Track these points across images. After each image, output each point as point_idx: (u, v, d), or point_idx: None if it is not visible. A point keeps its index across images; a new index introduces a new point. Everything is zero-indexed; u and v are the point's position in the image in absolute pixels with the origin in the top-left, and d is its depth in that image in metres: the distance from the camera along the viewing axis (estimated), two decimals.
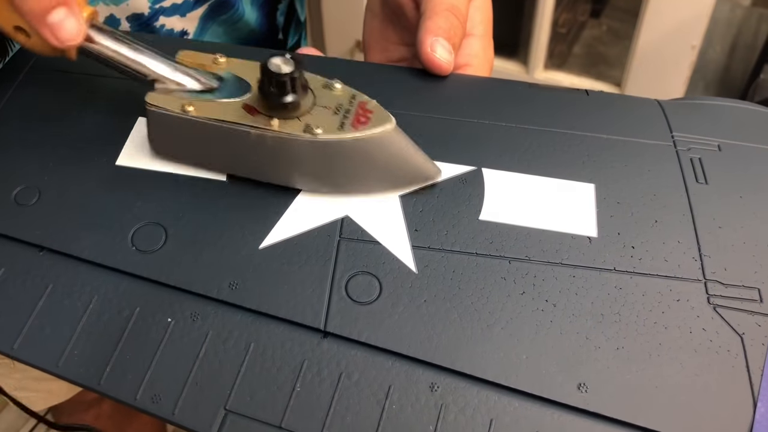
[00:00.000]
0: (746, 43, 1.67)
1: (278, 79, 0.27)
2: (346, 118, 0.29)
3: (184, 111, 0.29)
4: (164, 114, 0.29)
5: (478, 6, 0.39)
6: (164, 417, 0.26)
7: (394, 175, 0.30)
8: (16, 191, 0.31)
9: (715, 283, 0.28)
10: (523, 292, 0.28)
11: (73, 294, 0.28)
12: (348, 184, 0.30)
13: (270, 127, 0.28)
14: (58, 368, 0.27)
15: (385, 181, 0.30)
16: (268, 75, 0.27)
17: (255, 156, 0.30)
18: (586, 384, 0.26)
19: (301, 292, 0.28)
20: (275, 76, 0.27)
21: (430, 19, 0.36)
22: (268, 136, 0.28)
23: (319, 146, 0.28)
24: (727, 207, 0.31)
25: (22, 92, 0.35)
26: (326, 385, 0.26)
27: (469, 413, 0.25)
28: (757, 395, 0.25)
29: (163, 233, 0.29)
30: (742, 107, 0.36)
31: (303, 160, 0.29)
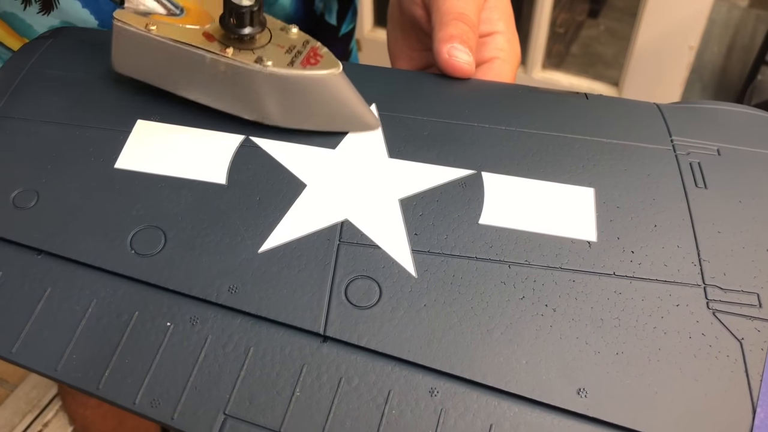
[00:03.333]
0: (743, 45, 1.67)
1: (237, 10, 0.29)
2: (297, 57, 0.31)
3: (147, 30, 0.31)
4: (128, 30, 0.31)
5: (493, 6, 0.40)
6: (163, 422, 0.26)
7: (333, 117, 0.32)
8: (15, 194, 0.30)
9: (714, 288, 0.28)
10: (522, 296, 0.28)
11: (72, 298, 0.28)
12: (290, 119, 0.32)
13: (224, 54, 0.30)
14: (57, 372, 0.27)
15: (325, 121, 0.32)
16: (229, 6, 0.29)
17: (208, 81, 0.32)
18: (585, 389, 0.26)
19: (301, 296, 0.28)
20: (235, 7, 0.29)
21: (441, 30, 0.37)
22: (221, 61, 0.30)
23: (266, 78, 0.30)
24: (726, 212, 0.31)
25: (20, 95, 0.35)
26: (326, 389, 0.26)
27: (468, 418, 0.25)
28: (756, 400, 0.25)
29: (162, 237, 0.29)
30: (741, 111, 0.36)
31: (251, 89, 0.31)
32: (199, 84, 0.32)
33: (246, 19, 0.30)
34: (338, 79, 0.31)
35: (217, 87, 0.32)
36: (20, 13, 0.44)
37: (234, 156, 0.32)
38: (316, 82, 0.31)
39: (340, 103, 0.32)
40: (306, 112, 0.32)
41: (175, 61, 0.32)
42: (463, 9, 0.37)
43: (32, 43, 0.38)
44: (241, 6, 0.30)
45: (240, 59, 0.30)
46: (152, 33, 0.31)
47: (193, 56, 0.31)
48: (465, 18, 0.37)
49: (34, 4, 0.43)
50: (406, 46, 0.44)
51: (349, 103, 0.32)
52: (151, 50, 0.32)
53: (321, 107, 0.32)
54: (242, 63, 0.30)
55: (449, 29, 0.36)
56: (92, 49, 0.38)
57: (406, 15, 0.42)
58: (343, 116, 0.33)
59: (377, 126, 0.33)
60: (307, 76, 0.31)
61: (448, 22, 0.37)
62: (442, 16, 0.37)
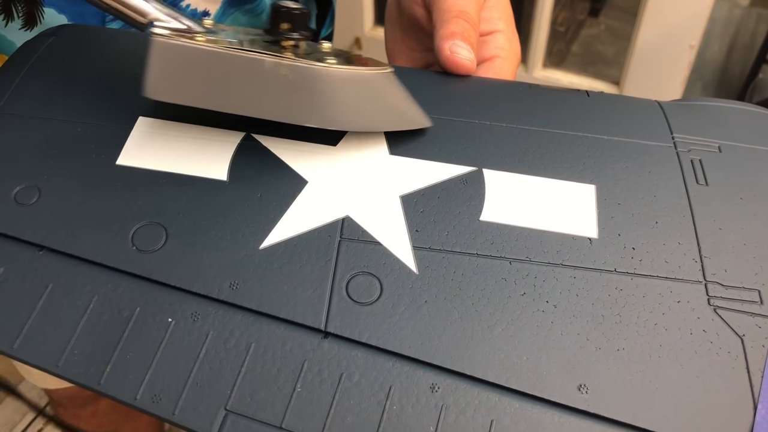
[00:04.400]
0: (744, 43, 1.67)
1: (291, 13, 0.29)
2: (349, 61, 0.30)
3: (195, 41, 0.29)
4: (173, 44, 0.28)
5: (493, 5, 0.40)
6: (164, 417, 0.26)
7: (391, 114, 0.32)
8: (16, 190, 0.30)
9: (715, 284, 0.28)
10: (523, 293, 0.28)
11: (73, 294, 0.28)
12: (352, 120, 0.31)
13: (286, 56, 0.29)
14: (58, 368, 0.27)
15: (384, 119, 0.32)
16: (280, 10, 0.29)
17: (266, 89, 0.30)
18: (586, 385, 0.26)
19: (302, 292, 0.28)
20: (287, 10, 0.29)
21: (442, 27, 0.37)
22: (283, 64, 0.29)
23: (331, 77, 0.29)
24: (727, 208, 0.31)
25: (22, 92, 0.35)
26: (327, 385, 0.26)
27: (469, 414, 0.25)
28: (757, 397, 0.26)
29: (164, 233, 0.29)
30: (742, 109, 0.36)
31: (315, 91, 0.30)
32: (256, 94, 0.30)
33: (299, 21, 0.29)
34: (393, 78, 0.31)
35: (275, 94, 0.30)
36: (1, 30, 0.43)
37: (235, 152, 0.32)
38: (378, 80, 0.30)
39: (397, 99, 0.32)
40: (368, 110, 0.31)
41: (228, 73, 0.29)
42: (464, 7, 0.37)
43: (34, 41, 0.38)
44: (293, 8, 0.29)
45: (301, 62, 0.29)
46: (201, 44, 0.28)
47: (251, 63, 0.28)
48: (466, 16, 0.37)
49: (17, 19, 0.43)
50: (406, 47, 0.44)
51: (404, 100, 0.32)
52: (200, 64, 0.29)
53: (382, 105, 0.31)
54: (307, 63, 0.29)
55: (450, 26, 0.36)
56: (94, 46, 0.38)
57: (405, 15, 0.42)
58: (401, 113, 0.32)
59: (428, 123, 0.33)
60: (371, 74, 0.30)
61: (450, 20, 0.37)
62: (443, 14, 0.37)
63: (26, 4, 0.42)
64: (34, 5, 0.42)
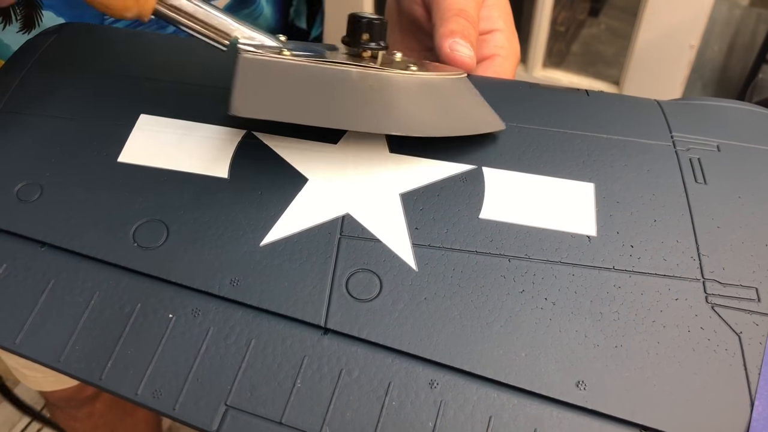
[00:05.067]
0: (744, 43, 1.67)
1: (371, 23, 0.28)
2: (427, 68, 0.30)
3: (282, 56, 0.30)
4: (260, 60, 0.29)
5: (492, 4, 0.40)
6: (165, 412, 0.26)
7: (468, 117, 0.31)
8: (18, 187, 0.31)
9: (713, 282, 0.28)
10: (522, 290, 0.28)
11: (75, 290, 0.28)
12: (434, 126, 0.31)
13: (371, 65, 0.29)
14: (60, 363, 0.27)
15: (462, 124, 0.32)
16: (359, 21, 0.28)
17: (352, 100, 0.30)
18: (584, 381, 0.26)
19: (302, 289, 0.28)
20: (367, 22, 0.28)
21: (442, 26, 0.37)
22: (369, 74, 0.29)
23: (416, 82, 0.29)
24: (725, 207, 0.31)
25: (24, 89, 0.35)
26: (326, 381, 0.26)
27: (468, 410, 0.26)
28: (754, 394, 0.26)
29: (165, 230, 0.30)
30: (741, 108, 0.36)
31: (400, 98, 0.30)
32: (342, 105, 0.30)
33: (378, 31, 0.29)
34: (468, 82, 0.31)
35: (361, 105, 0.30)
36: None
37: (236, 150, 0.32)
38: (455, 85, 0.30)
39: (474, 102, 0.31)
40: (449, 115, 0.31)
41: (314, 85, 0.30)
42: (464, 5, 0.37)
43: (36, 38, 0.38)
44: (373, 18, 0.29)
45: (387, 70, 0.29)
46: (289, 58, 0.29)
47: (338, 74, 0.29)
48: (465, 14, 0.37)
49: (15, 22, 0.42)
50: (405, 47, 0.44)
51: (480, 103, 0.32)
52: (289, 78, 0.29)
53: (461, 109, 0.31)
54: (393, 72, 0.29)
55: (450, 25, 0.37)
56: (96, 44, 0.38)
57: (405, 15, 0.42)
58: (477, 117, 0.32)
59: (502, 126, 0.32)
60: (449, 80, 0.30)
61: (449, 18, 0.37)
62: (443, 12, 0.37)
63: (25, 7, 0.42)
64: (33, 8, 0.42)
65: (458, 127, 0.31)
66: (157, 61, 0.37)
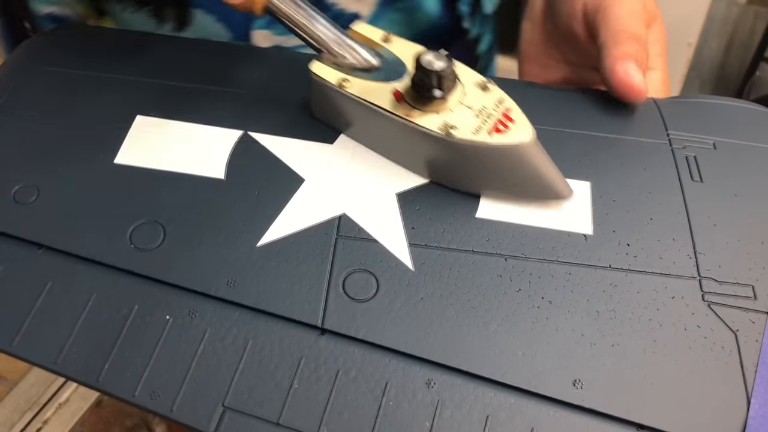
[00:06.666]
0: (742, 41, 1.67)
1: (427, 74, 0.28)
2: (486, 122, 0.29)
3: (341, 86, 0.31)
4: (323, 84, 0.31)
5: (656, 39, 0.39)
6: (162, 414, 0.26)
7: (521, 185, 0.30)
8: (15, 189, 0.31)
9: (709, 280, 0.28)
10: (519, 289, 0.28)
11: (72, 292, 0.28)
12: (477, 185, 0.31)
13: (410, 117, 0.29)
14: (57, 365, 0.27)
15: (511, 188, 0.31)
16: (420, 68, 0.28)
17: (393, 140, 0.31)
18: (581, 380, 0.26)
19: (299, 289, 0.28)
20: (425, 71, 0.28)
21: (616, 47, 0.35)
22: (406, 125, 0.29)
23: (450, 145, 0.29)
24: (721, 205, 0.31)
25: (20, 91, 0.35)
26: (324, 381, 0.26)
27: (465, 409, 0.26)
28: (750, 392, 0.26)
29: (162, 231, 0.30)
30: (737, 105, 0.36)
31: (435, 153, 0.30)
32: (387, 142, 0.32)
33: (434, 82, 0.28)
34: (529, 148, 0.29)
35: (404, 147, 0.31)
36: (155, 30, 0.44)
37: (232, 151, 0.32)
38: (505, 152, 0.29)
39: (530, 172, 0.30)
40: (493, 179, 0.30)
41: (364, 118, 0.31)
42: (637, 31, 0.36)
43: (32, 40, 0.38)
44: (431, 70, 0.28)
45: (426, 124, 0.29)
46: (344, 90, 0.30)
47: (381, 116, 0.30)
48: (640, 40, 0.35)
49: (168, 23, 0.43)
50: (543, 52, 0.43)
51: (539, 172, 0.30)
52: (344, 104, 0.31)
53: (509, 175, 0.30)
54: (428, 129, 0.29)
55: (625, 47, 0.35)
56: (92, 45, 0.38)
57: (558, 27, 0.40)
58: (533, 185, 0.30)
59: (570, 195, 0.31)
60: (496, 146, 0.29)
61: (624, 41, 0.35)
62: (616, 34, 0.35)
63: (176, 6, 0.43)
64: (183, 7, 0.43)
65: (516, 190, 0.31)
66: (153, 63, 0.37)
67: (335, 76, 0.31)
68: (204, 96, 0.35)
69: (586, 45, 0.38)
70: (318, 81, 0.31)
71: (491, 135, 0.28)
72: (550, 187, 0.30)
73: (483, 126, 0.29)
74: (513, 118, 0.29)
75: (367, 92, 0.30)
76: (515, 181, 0.30)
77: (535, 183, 0.30)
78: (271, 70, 0.37)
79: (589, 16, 0.38)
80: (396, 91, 0.30)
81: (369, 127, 0.32)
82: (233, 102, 0.35)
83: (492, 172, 0.30)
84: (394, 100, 0.30)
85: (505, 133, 0.29)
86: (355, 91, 0.31)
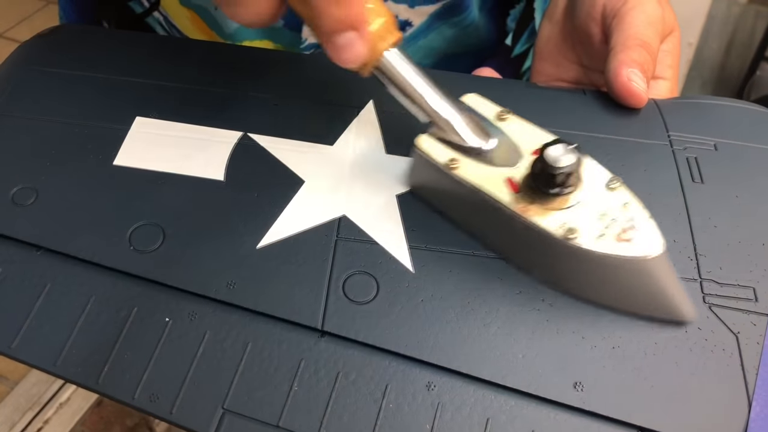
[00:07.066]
0: (743, 41, 1.67)
1: (551, 171, 0.25)
2: (609, 228, 0.26)
3: (449, 167, 0.28)
4: (429, 162, 0.29)
5: (668, 50, 0.39)
6: (162, 416, 0.26)
7: (637, 302, 0.28)
8: (14, 191, 0.31)
9: (710, 282, 0.28)
10: (519, 291, 0.28)
11: (71, 294, 0.28)
12: (586, 293, 0.28)
13: (525, 213, 0.27)
14: (56, 367, 0.27)
15: (627, 303, 0.28)
16: (543, 162, 0.26)
17: (502, 232, 0.29)
18: (581, 383, 0.26)
19: (299, 291, 0.28)
20: (549, 167, 0.25)
21: (623, 52, 0.35)
22: (520, 221, 0.27)
23: (569, 250, 0.26)
24: (722, 206, 0.31)
25: (19, 92, 0.35)
26: (323, 384, 0.26)
27: (465, 412, 0.26)
28: (752, 394, 0.26)
29: (161, 233, 0.29)
30: (738, 106, 0.36)
31: (549, 255, 0.28)
32: (493, 231, 0.29)
33: (559, 180, 0.26)
34: (656, 264, 0.26)
35: (510, 241, 0.29)
36: (211, 11, 0.45)
37: (232, 152, 0.32)
38: (629, 264, 0.26)
39: (654, 289, 0.27)
40: (611, 292, 0.28)
41: (471, 204, 0.29)
42: (649, 40, 0.36)
43: (31, 41, 0.38)
44: (556, 167, 0.25)
45: (543, 222, 0.26)
46: (453, 171, 0.28)
47: (492, 206, 0.28)
48: (649, 48, 0.36)
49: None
50: (558, 52, 0.43)
51: (663, 291, 0.27)
52: (449, 185, 0.29)
53: (629, 290, 0.27)
54: (545, 231, 0.26)
55: (633, 54, 0.35)
56: (91, 46, 0.38)
57: (577, 27, 0.41)
58: (654, 302, 0.27)
59: (693, 317, 0.27)
60: (617, 258, 0.26)
61: (633, 47, 0.35)
62: (627, 39, 0.36)
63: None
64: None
65: (634, 306, 0.28)
66: (152, 64, 0.37)
67: (444, 155, 0.29)
68: (203, 97, 0.35)
69: (600, 48, 0.38)
70: (423, 156, 0.29)
71: (616, 244, 0.26)
72: (673, 308, 0.27)
73: (606, 232, 0.26)
74: (637, 226, 0.27)
75: (478, 177, 0.28)
76: (635, 296, 0.27)
77: (657, 302, 0.27)
78: (270, 71, 0.37)
79: (607, 19, 0.38)
80: (510, 179, 0.28)
81: (475, 213, 0.29)
82: (233, 103, 0.35)
83: (611, 284, 0.27)
84: (507, 188, 0.27)
85: (630, 243, 0.26)
86: (465, 174, 0.28)
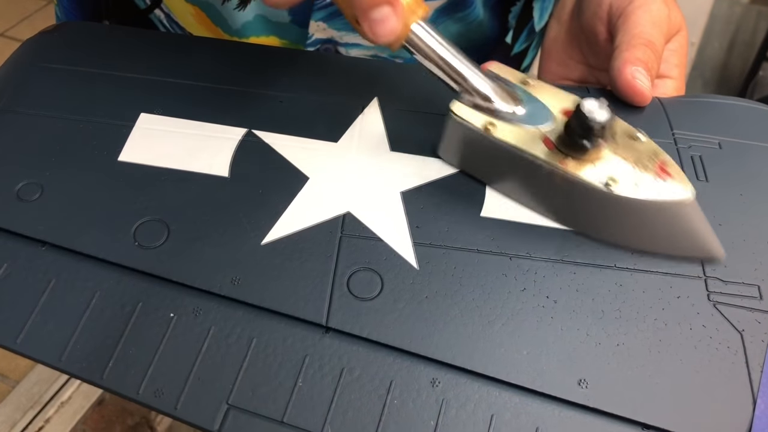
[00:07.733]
0: (745, 40, 1.67)
1: (588, 124, 0.26)
2: (643, 174, 0.28)
3: (487, 130, 0.29)
4: (465, 127, 0.29)
5: (675, 49, 0.39)
6: (166, 411, 0.26)
7: (673, 244, 0.29)
8: (19, 187, 0.31)
9: (715, 280, 0.28)
10: (524, 288, 0.28)
11: (76, 289, 0.28)
12: (625, 239, 0.29)
13: (566, 167, 0.28)
14: (61, 363, 0.27)
15: (663, 245, 0.29)
16: (580, 117, 0.26)
17: (541, 189, 0.30)
18: (586, 380, 0.26)
19: (303, 287, 0.28)
20: (586, 120, 0.26)
21: (627, 51, 0.36)
22: (559, 175, 0.28)
23: (609, 199, 0.27)
24: (727, 205, 0.31)
25: (24, 88, 0.35)
26: (328, 380, 0.26)
27: (470, 408, 0.26)
28: (756, 392, 0.26)
29: (166, 229, 0.29)
30: (743, 105, 0.36)
31: (588, 206, 0.29)
32: (530, 190, 0.30)
33: (596, 133, 0.27)
34: (689, 207, 0.28)
35: (549, 196, 0.30)
36: (217, 6, 0.45)
37: (237, 149, 0.32)
38: (665, 209, 0.28)
39: (688, 231, 0.29)
40: (648, 236, 0.29)
41: (509, 165, 0.30)
42: (654, 39, 0.36)
43: (36, 38, 0.38)
44: (593, 121, 0.26)
45: (586, 177, 0.28)
46: (490, 134, 0.29)
47: (531, 164, 0.28)
48: (654, 47, 0.36)
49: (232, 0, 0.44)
50: (565, 51, 0.43)
51: (697, 232, 0.29)
52: (486, 149, 0.30)
53: (666, 233, 0.29)
54: (588, 182, 0.27)
55: (637, 52, 0.35)
56: (96, 43, 0.38)
57: (583, 26, 0.41)
58: (689, 243, 0.29)
59: (723, 256, 0.29)
60: (656, 203, 0.27)
61: (637, 45, 0.36)
62: (632, 38, 0.36)
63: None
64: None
65: (669, 247, 0.29)
66: (157, 60, 0.37)
67: (480, 120, 0.29)
68: (208, 93, 0.35)
69: (606, 47, 0.39)
70: (459, 122, 0.30)
71: (651, 190, 0.27)
72: (705, 247, 0.29)
73: (641, 180, 0.28)
74: (669, 171, 0.28)
75: (515, 138, 0.29)
76: (672, 237, 0.29)
77: (689, 242, 0.29)
78: (275, 69, 0.37)
79: (613, 18, 0.38)
80: (546, 137, 0.29)
81: (513, 174, 0.30)
82: (237, 100, 0.35)
83: (648, 229, 0.29)
84: (543, 146, 0.28)
85: (664, 188, 0.27)
86: (502, 136, 0.29)
